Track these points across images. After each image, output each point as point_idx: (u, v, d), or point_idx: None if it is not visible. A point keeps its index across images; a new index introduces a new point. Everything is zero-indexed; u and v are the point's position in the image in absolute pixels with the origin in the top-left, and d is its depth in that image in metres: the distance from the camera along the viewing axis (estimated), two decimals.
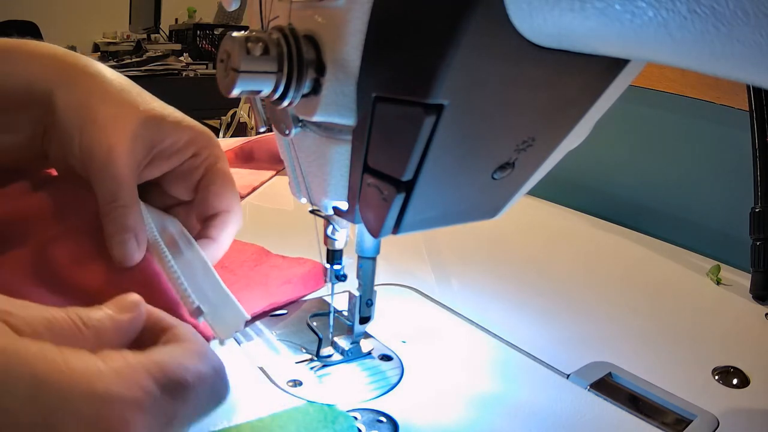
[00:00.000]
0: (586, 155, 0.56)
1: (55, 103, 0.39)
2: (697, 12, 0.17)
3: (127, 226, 0.37)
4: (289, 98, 0.26)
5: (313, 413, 0.34)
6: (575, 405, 0.37)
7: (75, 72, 0.40)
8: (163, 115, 0.40)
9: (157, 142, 0.40)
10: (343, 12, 0.25)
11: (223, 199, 0.42)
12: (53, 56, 0.41)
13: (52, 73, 0.40)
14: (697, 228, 0.68)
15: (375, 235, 0.27)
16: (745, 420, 0.37)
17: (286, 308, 0.45)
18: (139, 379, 0.22)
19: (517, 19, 0.21)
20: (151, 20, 3.24)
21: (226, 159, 0.44)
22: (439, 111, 0.23)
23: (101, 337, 0.24)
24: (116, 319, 0.25)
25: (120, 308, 0.26)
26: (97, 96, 0.39)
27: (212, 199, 0.42)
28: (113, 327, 0.25)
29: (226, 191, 0.42)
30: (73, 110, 0.39)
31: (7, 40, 0.41)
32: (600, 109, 0.28)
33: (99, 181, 0.37)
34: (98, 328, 0.24)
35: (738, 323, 0.51)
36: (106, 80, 0.40)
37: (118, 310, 0.26)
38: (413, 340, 0.42)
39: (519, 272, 0.57)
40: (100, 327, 0.25)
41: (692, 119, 0.69)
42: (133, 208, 0.37)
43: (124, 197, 0.37)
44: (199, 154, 0.42)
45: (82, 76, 0.40)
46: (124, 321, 0.26)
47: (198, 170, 0.42)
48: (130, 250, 0.36)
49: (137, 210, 0.38)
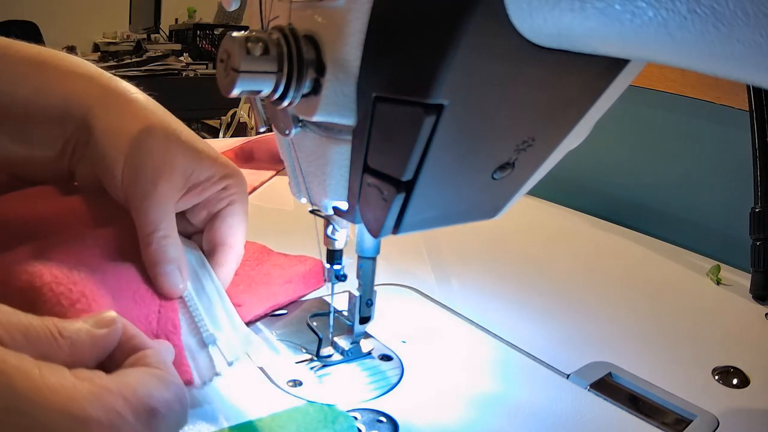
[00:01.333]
0: (586, 155, 0.56)
1: (92, 124, 0.40)
2: (697, 12, 0.17)
3: (170, 257, 0.37)
4: (289, 98, 0.26)
5: (313, 413, 0.34)
6: (575, 405, 0.37)
7: (115, 95, 0.40)
8: (201, 149, 0.41)
9: (195, 175, 0.40)
10: (343, 12, 0.25)
11: (233, 235, 0.42)
12: (91, 77, 0.41)
13: (91, 93, 0.40)
14: (697, 228, 0.68)
15: (375, 235, 0.27)
16: (745, 420, 0.37)
17: (286, 308, 0.45)
18: (115, 403, 0.23)
19: (517, 19, 0.21)
20: (151, 20, 3.24)
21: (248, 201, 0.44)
22: (439, 111, 0.23)
23: (76, 350, 0.25)
24: (92, 334, 0.26)
25: (97, 323, 0.26)
26: (140, 123, 0.39)
27: (224, 231, 0.42)
28: (89, 341, 0.25)
29: (239, 229, 0.43)
30: (115, 134, 0.39)
31: (41, 51, 0.41)
32: (600, 109, 0.28)
33: (142, 209, 0.37)
34: (74, 340, 0.25)
35: (738, 323, 0.51)
36: (148, 108, 0.40)
37: (95, 325, 0.26)
38: (413, 340, 0.42)
39: (519, 272, 0.57)
40: (76, 339, 0.25)
41: (692, 119, 0.69)
42: (174, 239, 0.38)
43: (165, 227, 0.37)
44: (227, 189, 0.42)
45: (123, 101, 0.40)
46: (100, 336, 0.26)
47: (221, 203, 0.42)
48: (175, 280, 0.37)
49: (178, 240, 0.38)
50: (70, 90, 0.40)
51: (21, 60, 0.40)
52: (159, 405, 0.24)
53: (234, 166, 0.43)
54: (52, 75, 0.40)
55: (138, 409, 0.23)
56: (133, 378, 0.25)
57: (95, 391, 0.23)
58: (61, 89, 0.40)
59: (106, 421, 0.22)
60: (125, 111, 0.40)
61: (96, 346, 0.26)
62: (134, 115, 0.40)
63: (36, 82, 0.40)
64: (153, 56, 2.94)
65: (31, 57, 0.40)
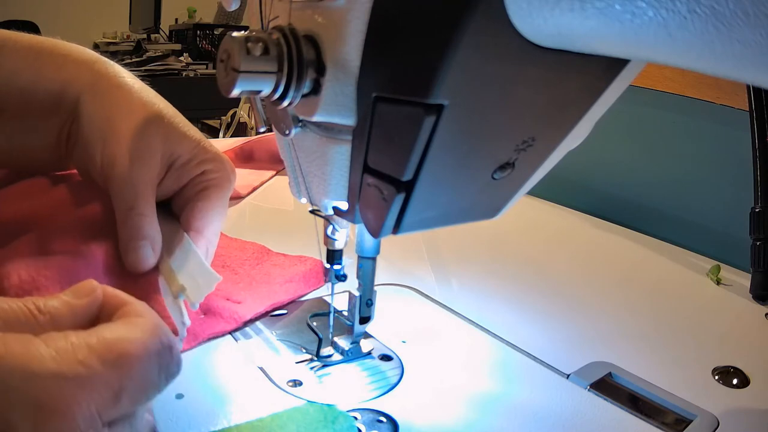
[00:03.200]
0: (586, 155, 0.56)
1: (81, 111, 0.40)
2: (697, 12, 0.17)
3: (143, 234, 0.37)
4: (289, 98, 0.26)
5: (313, 413, 0.34)
6: (575, 405, 0.37)
7: (103, 82, 0.41)
8: (184, 133, 0.41)
9: (176, 157, 0.40)
10: (343, 12, 0.25)
11: (201, 219, 0.41)
12: (84, 62, 0.41)
13: (82, 80, 0.40)
14: (697, 228, 0.68)
15: (375, 235, 0.27)
16: (745, 420, 0.37)
17: (286, 308, 0.45)
18: (79, 354, 0.22)
19: (517, 19, 0.21)
20: (151, 20, 3.24)
21: (232, 188, 0.43)
22: (439, 111, 0.23)
23: (58, 324, 0.24)
24: (72, 305, 0.25)
25: (76, 294, 0.26)
26: (122, 109, 0.39)
27: (192, 215, 0.41)
28: (69, 312, 0.25)
29: (208, 214, 0.41)
30: (97, 122, 0.39)
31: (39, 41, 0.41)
32: (600, 109, 0.28)
33: (118, 191, 0.38)
34: (54, 315, 0.24)
35: (738, 323, 0.51)
36: (132, 93, 0.40)
37: (74, 296, 0.25)
38: (413, 340, 0.42)
39: (519, 272, 0.57)
40: (56, 313, 0.24)
41: (692, 119, 0.69)
42: (150, 218, 0.38)
43: (141, 205, 0.37)
44: (206, 174, 0.42)
45: (109, 88, 0.40)
46: (81, 306, 0.25)
47: (198, 186, 0.42)
48: (144, 255, 0.37)
49: (155, 220, 0.38)
50: (64, 78, 0.40)
51: (19, 50, 0.40)
52: (132, 348, 0.23)
53: (217, 151, 0.43)
54: (49, 63, 0.40)
55: (105, 355, 0.22)
56: (105, 328, 0.24)
57: (58, 347, 0.22)
58: (57, 77, 0.40)
59: (69, 372, 0.21)
60: (111, 96, 0.40)
61: (77, 315, 0.25)
62: (119, 99, 0.40)
63: (33, 71, 0.40)
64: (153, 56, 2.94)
65: (29, 47, 0.40)
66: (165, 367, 0.25)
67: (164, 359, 0.25)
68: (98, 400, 0.22)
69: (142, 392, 0.24)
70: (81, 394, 0.22)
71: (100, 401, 0.22)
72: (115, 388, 0.23)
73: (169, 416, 0.32)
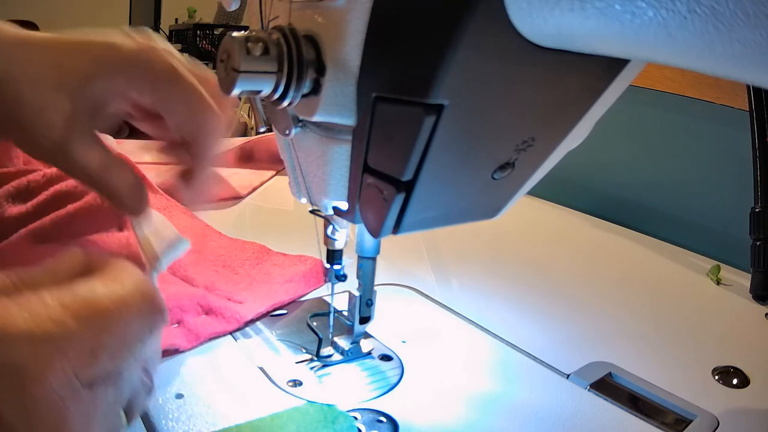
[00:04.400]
0: (586, 155, 0.56)
1: None
2: (697, 12, 0.17)
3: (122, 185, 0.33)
4: (289, 98, 0.26)
5: (313, 413, 0.34)
6: (575, 405, 0.37)
7: None
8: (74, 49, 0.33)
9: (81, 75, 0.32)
10: (343, 12, 0.25)
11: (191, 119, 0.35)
12: None
13: None
14: (697, 228, 0.68)
15: (375, 235, 0.27)
16: (745, 420, 0.37)
17: (286, 308, 0.45)
18: (52, 313, 0.21)
19: (517, 19, 0.21)
20: (151, 20, 3.24)
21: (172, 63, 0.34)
22: (439, 111, 0.23)
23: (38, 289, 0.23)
24: (51, 268, 0.24)
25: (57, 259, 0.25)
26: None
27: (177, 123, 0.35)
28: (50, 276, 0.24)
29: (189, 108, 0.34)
30: None
31: None
32: (600, 109, 0.28)
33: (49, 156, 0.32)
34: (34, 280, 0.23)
35: (738, 323, 0.51)
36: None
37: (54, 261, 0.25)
38: (413, 340, 0.42)
39: (519, 272, 0.57)
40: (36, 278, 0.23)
41: (692, 119, 0.69)
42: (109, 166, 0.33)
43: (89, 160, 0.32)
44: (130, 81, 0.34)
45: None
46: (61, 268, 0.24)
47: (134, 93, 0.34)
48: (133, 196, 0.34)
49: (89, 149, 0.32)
50: None
51: None
52: (108, 302, 0.22)
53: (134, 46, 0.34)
54: None
55: (80, 312, 0.22)
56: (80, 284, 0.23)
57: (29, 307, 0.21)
58: None
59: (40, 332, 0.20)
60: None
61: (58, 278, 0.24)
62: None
63: None
64: None
65: None
66: (148, 320, 0.24)
67: (145, 311, 0.24)
68: (74, 359, 0.21)
69: (123, 347, 0.23)
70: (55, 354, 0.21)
71: (76, 360, 0.21)
72: (92, 344, 0.22)
73: (169, 416, 0.32)
